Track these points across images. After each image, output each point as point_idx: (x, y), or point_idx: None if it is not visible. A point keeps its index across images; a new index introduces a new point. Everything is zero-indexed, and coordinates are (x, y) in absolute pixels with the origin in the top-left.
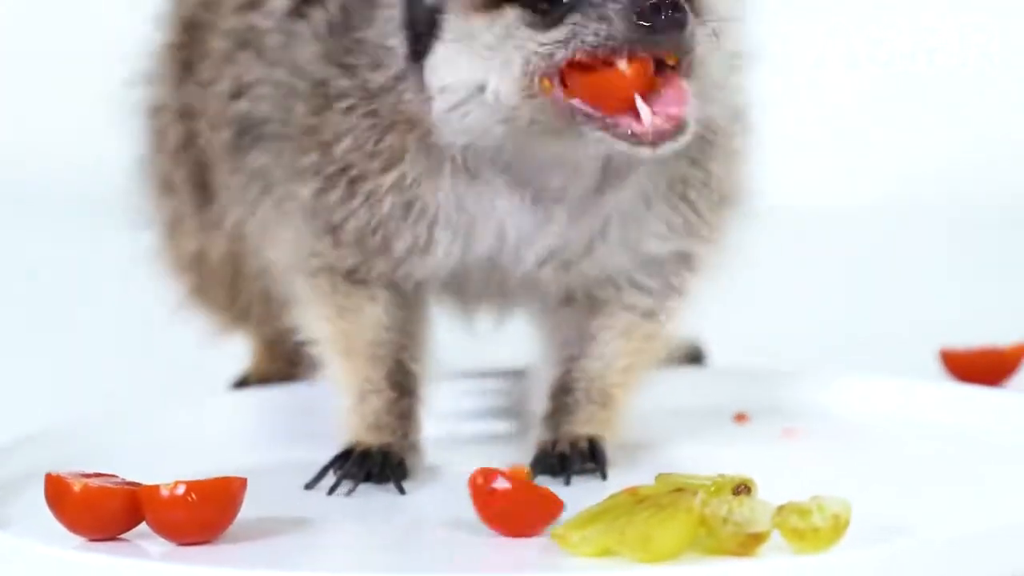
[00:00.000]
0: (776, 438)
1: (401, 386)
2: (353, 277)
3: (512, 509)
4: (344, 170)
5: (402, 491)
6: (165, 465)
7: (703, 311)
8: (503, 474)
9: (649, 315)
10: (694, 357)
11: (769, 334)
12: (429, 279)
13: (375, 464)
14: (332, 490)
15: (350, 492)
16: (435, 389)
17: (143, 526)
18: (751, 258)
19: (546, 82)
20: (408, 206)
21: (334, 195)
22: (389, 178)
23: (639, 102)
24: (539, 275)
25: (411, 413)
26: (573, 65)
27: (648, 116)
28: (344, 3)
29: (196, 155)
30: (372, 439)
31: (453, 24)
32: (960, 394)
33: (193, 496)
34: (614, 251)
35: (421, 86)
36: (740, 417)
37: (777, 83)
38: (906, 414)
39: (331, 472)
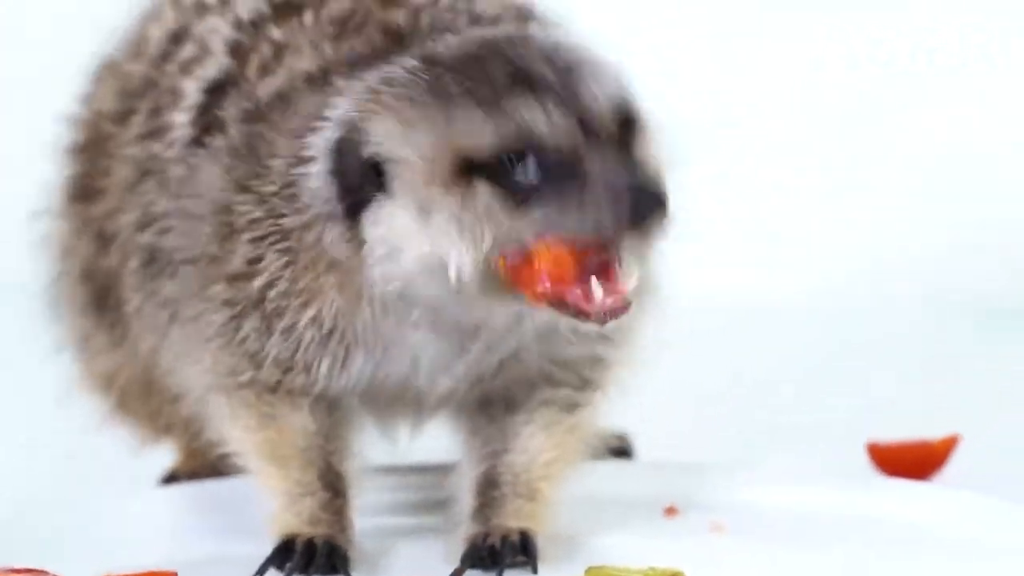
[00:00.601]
0: (706, 532)
1: (333, 487)
2: (274, 389)
3: None
4: (258, 303)
5: None
6: (95, 559)
7: (630, 405)
8: None
9: (569, 408)
10: (621, 451)
11: (698, 428)
12: (347, 392)
13: (322, 555)
14: None
15: None
16: (361, 484)
17: None
18: (679, 353)
19: (503, 260)
20: (327, 336)
21: (249, 325)
22: (307, 314)
23: (593, 282)
24: (452, 392)
25: (345, 511)
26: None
27: (599, 296)
28: (248, 130)
29: (101, 278)
30: (311, 531)
31: (408, 190)
32: (888, 488)
33: None
34: (527, 365)
35: (352, 237)
36: (670, 511)
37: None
38: (834, 508)
39: (273, 566)
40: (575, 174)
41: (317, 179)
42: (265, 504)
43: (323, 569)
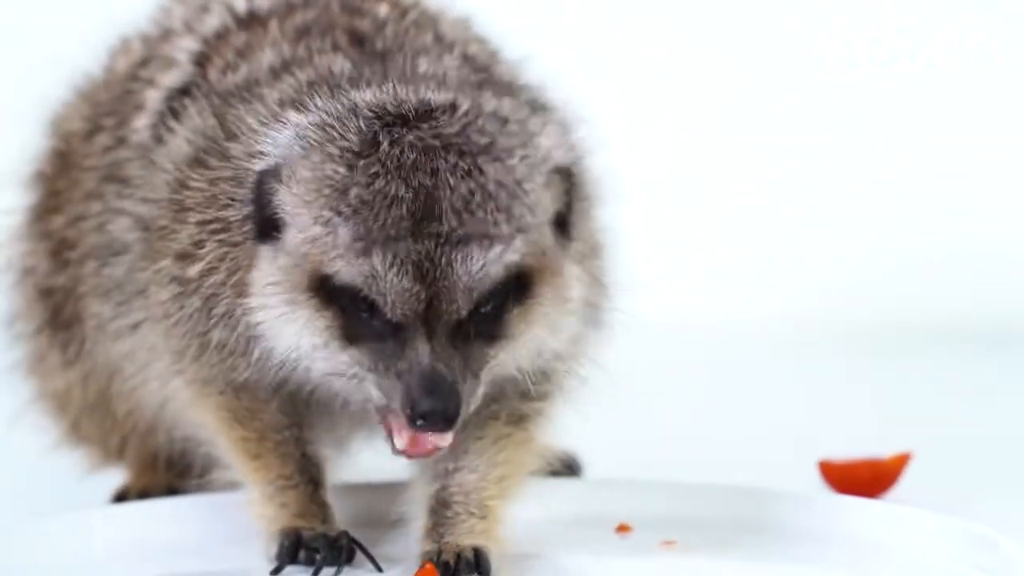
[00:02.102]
0: (657, 549)
1: (313, 479)
2: (236, 385)
3: None
4: (198, 288)
5: (379, 568)
6: None
7: (580, 423)
8: None
9: (516, 420)
10: (570, 468)
11: (649, 446)
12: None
13: (343, 547)
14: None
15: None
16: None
17: None
18: (629, 371)
19: None
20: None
21: (191, 305)
22: (241, 304)
23: (395, 434)
24: None
25: (327, 505)
26: None
27: (401, 442)
28: (212, 113)
29: (57, 296)
30: (308, 524)
31: (281, 262)
32: (840, 506)
33: None
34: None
35: (254, 262)
36: (622, 528)
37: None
38: (785, 526)
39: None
40: (397, 347)
41: (249, 186)
42: (247, 502)
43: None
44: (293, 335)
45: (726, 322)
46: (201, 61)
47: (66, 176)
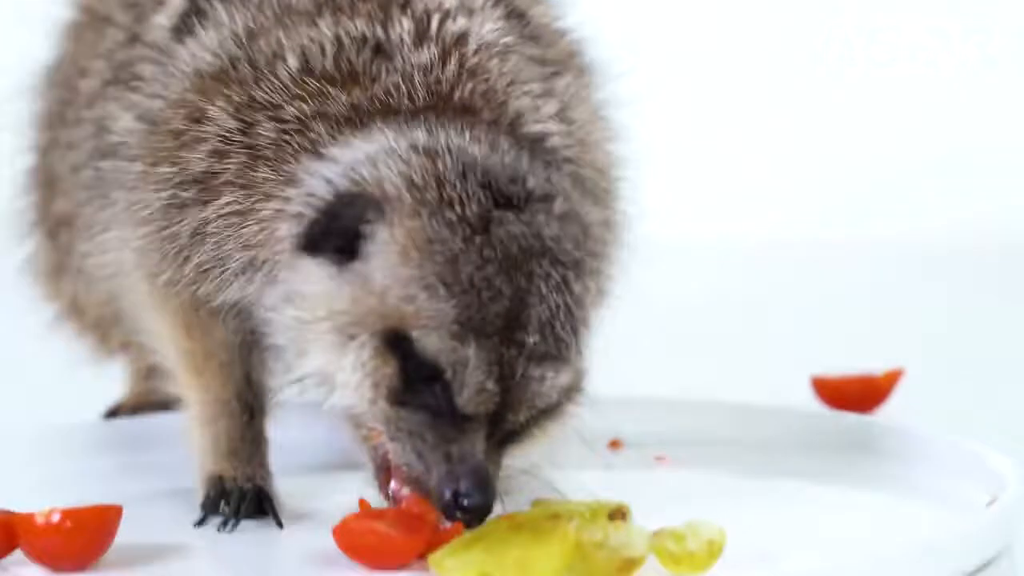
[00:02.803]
0: (650, 464)
1: (251, 407)
2: (197, 298)
3: (377, 544)
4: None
5: (280, 524)
6: (40, 494)
7: None
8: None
9: None
10: None
11: (642, 362)
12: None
13: (251, 501)
14: (222, 527)
15: (231, 530)
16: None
17: (18, 553)
18: (623, 287)
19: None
20: (250, 264)
21: (186, 219)
22: (237, 239)
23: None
24: None
25: (262, 437)
26: None
27: (397, 493)
28: (246, 17)
29: (54, 218)
30: (236, 472)
31: (354, 292)
32: (833, 421)
33: (69, 523)
34: None
35: (288, 263)
36: (614, 443)
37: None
38: (778, 441)
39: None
40: (450, 431)
41: (308, 182)
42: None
43: (252, 513)
44: (343, 370)
45: (721, 239)
46: None
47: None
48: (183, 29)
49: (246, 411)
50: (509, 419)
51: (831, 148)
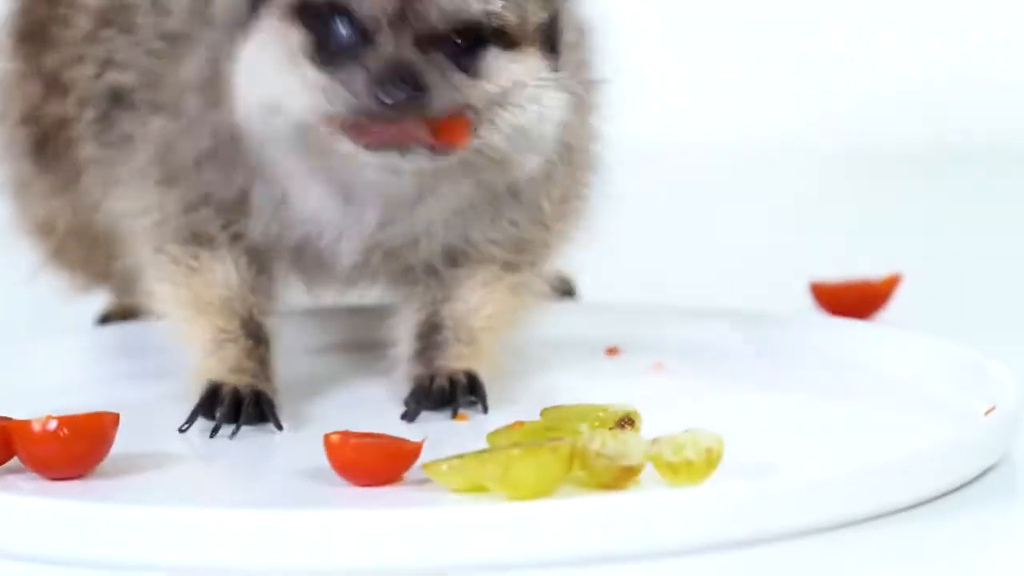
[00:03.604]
0: (647, 372)
1: (256, 335)
2: (197, 239)
3: (365, 460)
4: (182, 105)
5: (280, 427)
6: (36, 401)
7: (573, 247)
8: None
9: (510, 267)
10: (565, 291)
11: (640, 269)
12: (266, 246)
13: (250, 403)
14: (213, 433)
15: (234, 434)
16: (293, 324)
17: (14, 461)
18: (621, 195)
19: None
20: (225, 153)
21: (172, 125)
22: (211, 117)
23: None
24: (367, 261)
25: (268, 360)
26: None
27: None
28: None
29: (40, 126)
30: (236, 380)
31: (265, 15)
32: (830, 327)
33: (65, 431)
34: (444, 241)
35: (233, 56)
36: (611, 351)
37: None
38: (776, 347)
39: (202, 415)
40: (369, 53)
41: None
42: (187, 355)
43: (252, 418)
44: (266, 60)
45: (718, 144)
46: None
47: (56, 6)
48: None
49: (251, 338)
50: (416, 16)
51: (830, 53)
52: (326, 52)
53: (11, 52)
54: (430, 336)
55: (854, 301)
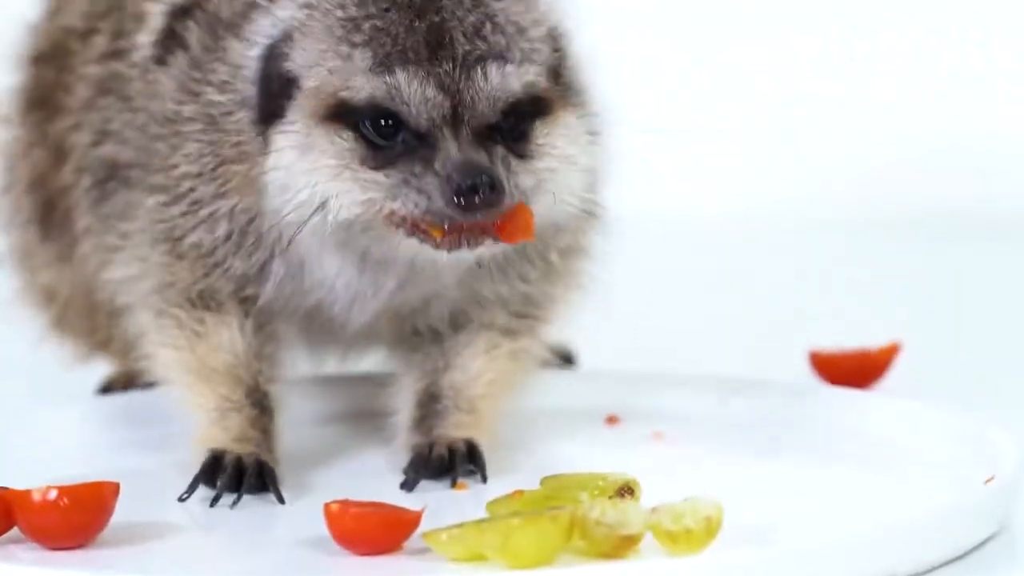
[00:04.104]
0: (647, 440)
1: (261, 404)
2: (203, 302)
3: (365, 529)
4: (188, 192)
5: (282, 500)
6: (37, 470)
7: (573, 315)
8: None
9: (510, 333)
10: (564, 360)
11: (639, 337)
12: (275, 310)
13: (252, 473)
14: (214, 502)
15: (235, 504)
16: (287, 404)
17: (15, 531)
18: (621, 263)
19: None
20: (243, 235)
21: (176, 209)
22: (224, 205)
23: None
24: (374, 325)
25: (271, 430)
26: None
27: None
28: (207, 43)
29: (46, 193)
30: (239, 449)
31: (298, 117)
32: (830, 396)
33: (65, 500)
34: (452, 303)
35: (263, 148)
36: (611, 419)
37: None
38: (776, 416)
39: (203, 483)
40: (429, 154)
41: (247, 68)
42: (190, 422)
43: (254, 488)
44: (310, 163)
45: (718, 213)
46: None
47: (62, 75)
48: (163, 50)
49: (256, 407)
50: (470, 116)
51: (829, 124)
52: (378, 153)
53: (19, 120)
54: (429, 405)
55: (853, 370)
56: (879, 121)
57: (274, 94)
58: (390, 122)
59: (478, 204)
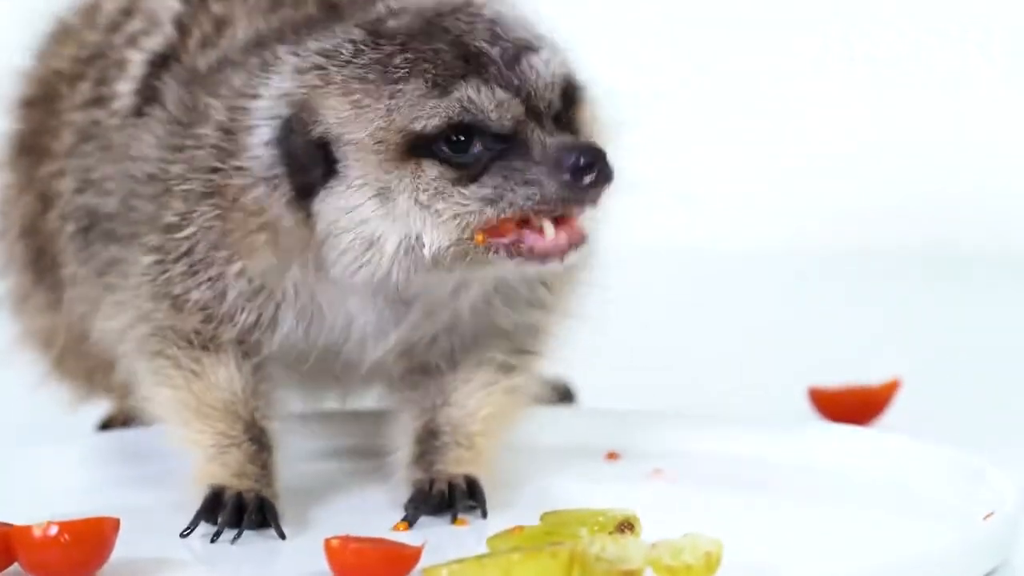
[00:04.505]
0: (647, 477)
1: (259, 441)
2: (202, 343)
3: (365, 565)
4: (188, 251)
5: (283, 536)
6: (38, 506)
7: (571, 352)
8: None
9: (505, 370)
10: (564, 396)
11: (639, 375)
12: (276, 354)
13: (253, 510)
14: (215, 538)
15: (235, 539)
16: (285, 442)
17: (15, 567)
18: (620, 300)
19: (480, 236)
20: (255, 292)
21: (175, 270)
22: (234, 268)
23: (545, 223)
24: (382, 361)
25: (271, 466)
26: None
27: (551, 232)
28: (185, 99)
29: (38, 239)
30: (239, 484)
31: (361, 172)
32: (829, 433)
33: (66, 537)
34: (461, 336)
35: (300, 211)
36: (611, 456)
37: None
38: (775, 453)
39: (204, 520)
40: (520, 150)
41: (260, 149)
42: (189, 459)
43: (254, 523)
44: (398, 207)
45: (717, 249)
46: (182, 25)
47: (50, 120)
48: (142, 101)
49: (255, 443)
50: (544, 104)
51: (828, 160)
52: (463, 171)
53: (11, 166)
54: (428, 441)
55: (853, 407)
56: (878, 157)
57: (306, 166)
58: (462, 138)
59: (596, 178)
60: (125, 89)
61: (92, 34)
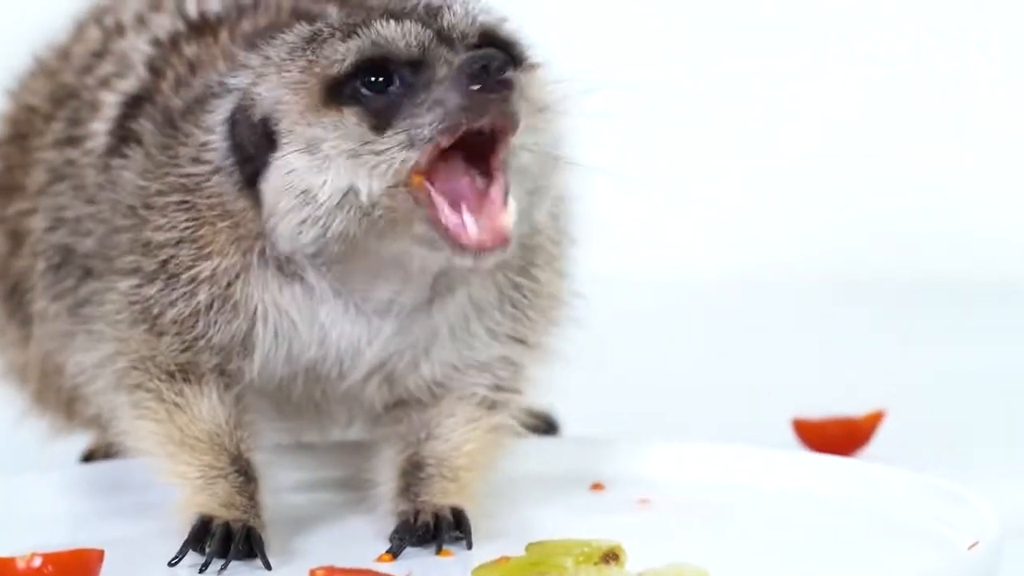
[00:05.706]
0: (632, 506)
1: (246, 473)
2: (183, 375)
3: None
4: (164, 264)
5: (268, 566)
6: (21, 538)
7: (555, 382)
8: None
9: (488, 405)
10: (547, 427)
11: (623, 404)
12: (257, 382)
13: (240, 540)
14: (203, 568)
15: (222, 570)
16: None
17: None
18: (603, 330)
19: (417, 177)
20: (225, 300)
21: (152, 288)
22: (204, 267)
23: (465, 215)
24: (363, 389)
25: (257, 497)
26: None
27: (474, 227)
28: (162, 138)
29: (13, 275)
30: (227, 514)
31: (291, 132)
32: (813, 463)
33: (50, 568)
34: (440, 365)
35: (249, 195)
36: (596, 486)
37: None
38: (760, 483)
39: (192, 549)
40: (428, 74)
41: (217, 143)
42: (174, 491)
43: (241, 553)
44: (324, 155)
45: (701, 280)
46: (155, 68)
47: (22, 155)
48: (118, 142)
49: (241, 473)
50: (457, 35)
51: (814, 191)
52: (384, 111)
53: None
54: (413, 473)
55: (837, 437)
56: (865, 187)
57: (253, 144)
58: (380, 78)
59: (495, 82)
60: (99, 129)
61: (66, 74)
